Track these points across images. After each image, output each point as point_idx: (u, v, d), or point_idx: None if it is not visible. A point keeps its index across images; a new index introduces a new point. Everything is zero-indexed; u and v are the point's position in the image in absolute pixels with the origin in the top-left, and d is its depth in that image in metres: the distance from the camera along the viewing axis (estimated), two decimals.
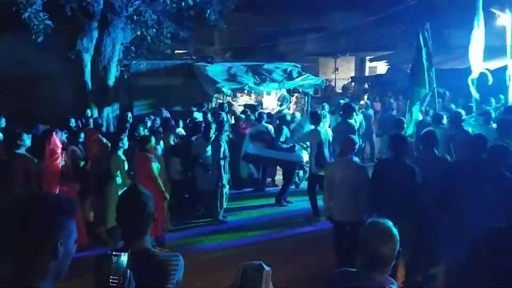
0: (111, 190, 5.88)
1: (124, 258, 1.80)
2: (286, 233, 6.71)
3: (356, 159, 5.25)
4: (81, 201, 6.08)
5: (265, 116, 8.83)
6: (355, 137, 5.29)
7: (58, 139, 5.87)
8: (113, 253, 1.81)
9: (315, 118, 7.22)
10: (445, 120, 6.82)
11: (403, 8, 14.85)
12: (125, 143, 6.04)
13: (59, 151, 5.81)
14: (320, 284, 3.93)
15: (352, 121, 7.47)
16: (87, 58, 9.79)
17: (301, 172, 8.92)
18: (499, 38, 11.43)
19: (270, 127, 8.49)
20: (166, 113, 9.79)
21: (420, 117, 7.77)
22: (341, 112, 7.93)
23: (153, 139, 5.94)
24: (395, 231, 2.14)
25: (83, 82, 9.79)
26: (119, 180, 5.87)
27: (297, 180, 8.93)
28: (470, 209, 3.67)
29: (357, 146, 5.16)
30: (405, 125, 6.81)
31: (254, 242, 6.35)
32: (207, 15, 10.90)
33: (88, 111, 9.21)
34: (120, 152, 5.95)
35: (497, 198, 3.61)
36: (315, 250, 5.86)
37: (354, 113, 8.14)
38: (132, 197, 2.24)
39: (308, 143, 7.87)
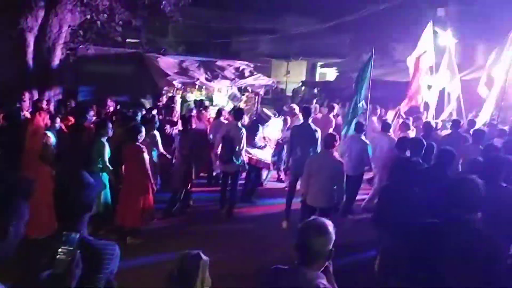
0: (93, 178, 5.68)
1: (74, 236, 1.79)
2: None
3: (335, 153, 5.78)
4: None
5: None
6: (335, 134, 5.88)
7: (42, 120, 5.64)
8: (63, 232, 1.79)
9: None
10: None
11: (354, 19, 15.39)
12: (109, 129, 5.90)
13: (42, 131, 5.60)
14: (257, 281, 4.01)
15: (311, 122, 7.57)
16: (31, 38, 9.30)
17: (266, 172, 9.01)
18: (441, 56, 12.20)
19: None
20: (111, 103, 9.50)
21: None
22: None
23: (143, 129, 5.85)
24: (330, 229, 2.23)
25: (24, 63, 9.29)
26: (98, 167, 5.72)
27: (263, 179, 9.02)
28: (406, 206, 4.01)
29: (337, 142, 5.77)
30: None
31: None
32: (162, 6, 10.70)
33: (27, 94, 8.74)
34: (104, 139, 5.81)
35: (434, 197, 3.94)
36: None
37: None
38: (70, 184, 2.17)
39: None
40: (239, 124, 7.18)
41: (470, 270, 2.58)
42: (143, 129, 5.86)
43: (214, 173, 8.77)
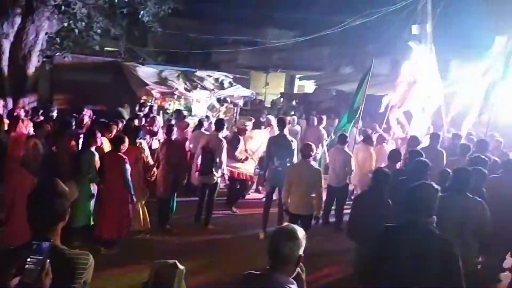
0: (81, 188, 5.59)
1: (45, 246, 1.76)
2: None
3: (313, 162, 6.05)
4: None
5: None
6: (312, 144, 6.08)
7: (24, 127, 5.50)
8: (33, 242, 1.77)
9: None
10: None
11: (332, 33, 15.67)
12: (98, 139, 5.81)
13: (24, 139, 5.54)
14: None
15: (287, 133, 7.57)
16: (6, 45, 9.13)
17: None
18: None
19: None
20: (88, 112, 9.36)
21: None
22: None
23: (127, 139, 5.78)
24: (300, 235, 2.28)
25: None
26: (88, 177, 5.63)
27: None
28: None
29: (313, 152, 5.96)
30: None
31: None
32: (140, 15, 10.69)
33: (1, 101, 8.55)
34: (93, 148, 5.73)
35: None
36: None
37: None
38: (43, 192, 2.13)
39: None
40: (220, 135, 7.13)
41: (426, 271, 2.71)
42: (127, 139, 5.81)
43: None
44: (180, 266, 2.27)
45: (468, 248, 3.94)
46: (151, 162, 6.65)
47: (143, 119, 9.12)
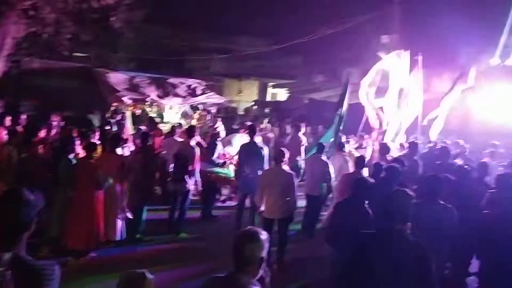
0: (58, 196, 5.46)
1: (7, 256, 1.70)
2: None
3: (286, 167, 6.05)
4: None
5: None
6: (284, 149, 6.15)
7: None
8: None
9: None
10: None
11: (304, 41, 15.91)
12: (76, 146, 5.70)
13: None
14: None
15: (257, 140, 7.60)
16: None
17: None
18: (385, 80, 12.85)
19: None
20: (56, 118, 9.14)
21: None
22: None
23: (99, 147, 5.72)
24: (262, 237, 2.32)
25: None
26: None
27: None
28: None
29: (286, 157, 6.01)
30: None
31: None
32: (111, 20, 10.55)
33: None
34: (71, 156, 5.61)
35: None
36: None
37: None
38: (7, 201, 2.06)
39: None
40: (192, 143, 7.10)
41: (401, 276, 2.76)
42: (99, 147, 5.71)
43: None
44: (149, 276, 2.25)
45: (438, 253, 4.05)
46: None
47: (115, 126, 9.00)
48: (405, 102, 11.01)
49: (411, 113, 10.82)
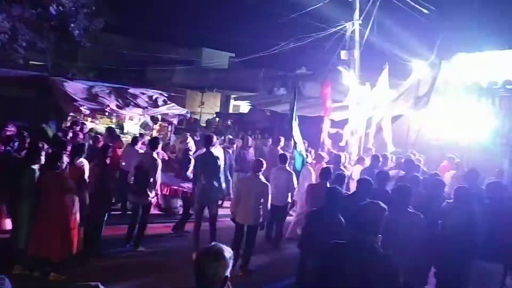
0: (23, 207, 5.24)
1: None
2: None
3: (262, 177, 6.37)
4: None
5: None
6: (263, 160, 6.55)
7: None
8: None
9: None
10: None
11: (266, 55, 16.16)
12: (42, 156, 5.47)
13: None
14: None
15: (214, 151, 7.52)
16: None
17: None
18: (344, 94, 13.27)
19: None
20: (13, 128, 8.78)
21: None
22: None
23: (64, 156, 5.50)
24: (227, 255, 2.22)
25: None
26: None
27: None
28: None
29: (263, 167, 6.39)
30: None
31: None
32: (69, 28, 10.33)
33: None
34: (36, 166, 5.40)
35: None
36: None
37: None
38: None
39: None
40: (154, 154, 6.99)
41: (369, 286, 2.83)
42: (64, 156, 5.54)
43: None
44: None
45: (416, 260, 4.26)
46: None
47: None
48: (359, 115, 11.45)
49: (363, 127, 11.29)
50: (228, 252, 2.26)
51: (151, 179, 6.77)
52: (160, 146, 7.47)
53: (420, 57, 12.52)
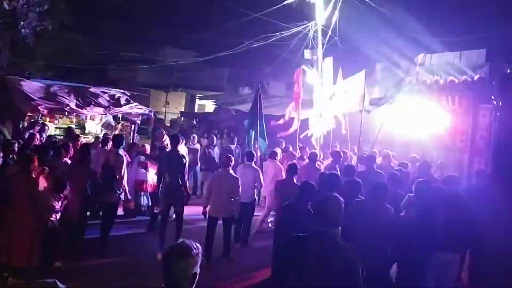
0: None
1: None
2: None
3: (232, 171, 6.83)
4: None
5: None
6: (231, 156, 7.08)
7: None
8: None
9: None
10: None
11: (231, 54, 16.14)
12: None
13: None
14: None
15: (180, 149, 7.59)
16: None
17: None
18: (309, 93, 13.43)
19: None
20: None
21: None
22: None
23: (36, 159, 5.26)
24: (194, 252, 2.18)
25: None
26: None
27: None
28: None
29: (232, 162, 6.86)
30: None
31: None
32: (19, 27, 9.91)
33: None
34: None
35: None
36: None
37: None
38: None
39: None
40: (120, 151, 7.04)
41: (329, 279, 2.87)
42: (36, 159, 5.33)
43: None
44: (61, 285, 2.15)
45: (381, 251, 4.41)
46: None
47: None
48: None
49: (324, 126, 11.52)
50: (195, 248, 2.21)
51: (117, 176, 6.80)
52: (123, 143, 7.42)
53: (385, 56, 12.90)
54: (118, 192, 6.91)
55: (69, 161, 6.80)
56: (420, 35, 13.84)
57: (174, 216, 7.13)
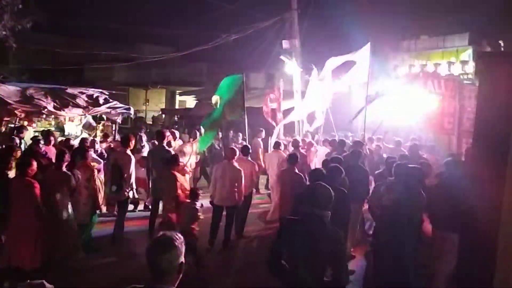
0: None
1: None
2: None
3: (235, 163, 7.14)
4: None
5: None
6: (236, 149, 7.47)
7: None
8: None
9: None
10: None
11: (209, 48, 16.07)
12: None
13: None
14: None
15: (166, 145, 7.91)
16: None
17: None
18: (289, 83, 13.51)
19: None
20: None
21: None
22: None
23: (34, 163, 5.27)
24: (177, 243, 2.21)
25: None
26: None
27: None
28: None
29: (236, 156, 7.23)
30: None
31: None
32: None
33: None
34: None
35: None
36: None
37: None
38: None
39: None
40: (128, 151, 7.18)
41: (315, 255, 3.20)
42: (34, 163, 5.31)
43: None
44: (48, 285, 2.15)
45: None
46: None
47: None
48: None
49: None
50: (177, 238, 2.24)
51: (125, 175, 6.94)
52: (132, 142, 7.41)
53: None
54: (127, 190, 7.06)
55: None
56: (403, 19, 14.04)
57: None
